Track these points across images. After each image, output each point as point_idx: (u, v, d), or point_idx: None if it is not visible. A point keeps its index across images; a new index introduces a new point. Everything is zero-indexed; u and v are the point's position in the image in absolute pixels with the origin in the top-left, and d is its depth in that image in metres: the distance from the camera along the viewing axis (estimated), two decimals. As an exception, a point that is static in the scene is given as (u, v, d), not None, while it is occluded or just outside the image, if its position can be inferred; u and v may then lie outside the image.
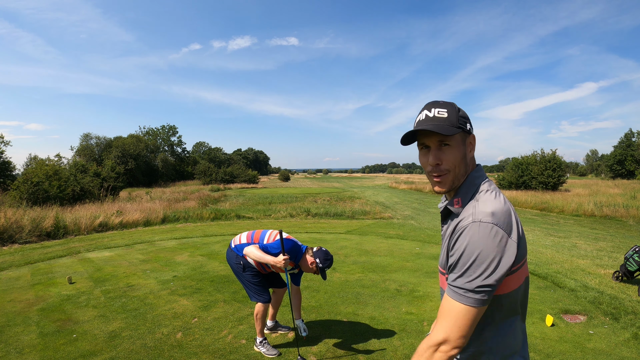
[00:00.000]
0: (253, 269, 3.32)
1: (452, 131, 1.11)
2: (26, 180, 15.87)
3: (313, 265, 3.22)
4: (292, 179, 70.61)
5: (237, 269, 3.33)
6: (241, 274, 3.31)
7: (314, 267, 3.22)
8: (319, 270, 3.21)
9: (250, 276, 3.31)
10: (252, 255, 3.19)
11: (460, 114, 1.16)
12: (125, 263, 6.62)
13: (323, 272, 3.21)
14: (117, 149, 47.09)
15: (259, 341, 3.34)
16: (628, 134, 51.57)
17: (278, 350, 3.32)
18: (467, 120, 1.17)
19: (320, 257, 3.20)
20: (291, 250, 3.19)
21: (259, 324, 3.33)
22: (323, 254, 3.21)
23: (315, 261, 3.20)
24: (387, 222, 12.25)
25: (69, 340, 3.56)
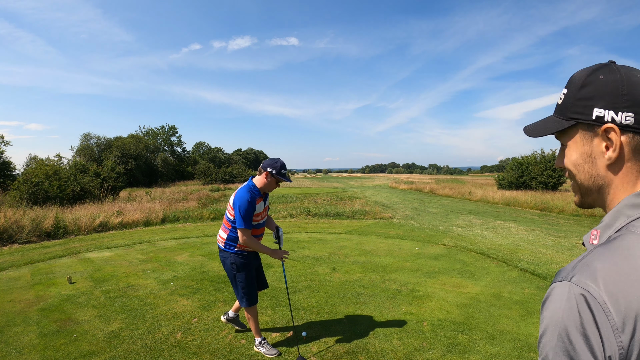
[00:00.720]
0: (246, 266, 3.24)
1: (557, 126, 0.78)
2: (26, 180, 15.87)
3: (267, 177, 3.15)
4: (292, 179, 70.62)
5: (231, 269, 3.23)
6: (235, 275, 3.23)
7: (270, 178, 3.15)
8: (276, 177, 3.13)
9: (243, 277, 3.23)
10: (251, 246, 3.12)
11: (582, 94, 0.73)
12: (125, 263, 6.62)
13: (282, 177, 3.13)
14: (117, 149, 47.08)
15: (258, 341, 3.33)
16: (628, 134, 51.60)
17: (278, 350, 3.31)
18: (593, 102, 0.72)
19: (268, 165, 3.14)
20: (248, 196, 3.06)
21: (254, 325, 3.32)
22: (268, 162, 3.17)
23: (266, 172, 3.14)
24: (387, 222, 12.25)
25: (69, 340, 3.56)
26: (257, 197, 3.14)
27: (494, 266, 6.31)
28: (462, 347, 3.41)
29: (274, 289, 5.08)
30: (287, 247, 7.95)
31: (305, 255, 7.17)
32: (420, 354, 3.28)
